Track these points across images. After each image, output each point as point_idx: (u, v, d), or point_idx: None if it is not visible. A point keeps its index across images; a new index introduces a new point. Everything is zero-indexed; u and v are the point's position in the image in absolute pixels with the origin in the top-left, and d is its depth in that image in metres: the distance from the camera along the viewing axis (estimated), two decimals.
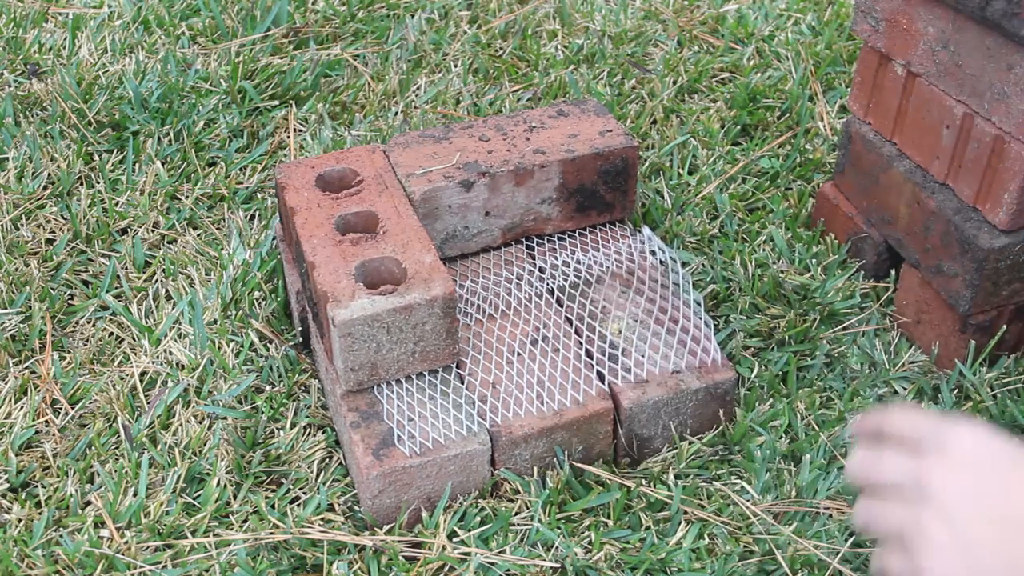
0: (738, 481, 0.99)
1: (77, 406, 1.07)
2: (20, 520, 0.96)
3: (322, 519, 0.95)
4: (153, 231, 1.30)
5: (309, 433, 1.05)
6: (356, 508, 0.98)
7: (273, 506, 0.97)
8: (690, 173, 1.39)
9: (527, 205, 1.12)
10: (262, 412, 1.06)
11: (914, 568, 0.66)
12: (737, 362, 1.10)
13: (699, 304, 1.07)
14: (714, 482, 0.99)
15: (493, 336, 1.04)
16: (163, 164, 1.39)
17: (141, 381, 1.10)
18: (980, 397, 1.06)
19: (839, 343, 1.14)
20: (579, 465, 0.99)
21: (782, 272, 1.21)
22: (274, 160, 1.42)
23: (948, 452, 0.67)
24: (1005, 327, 1.08)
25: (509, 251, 1.15)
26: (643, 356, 1.01)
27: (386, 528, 0.94)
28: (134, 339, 1.16)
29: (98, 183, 1.36)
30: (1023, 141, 0.96)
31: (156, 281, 1.23)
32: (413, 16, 1.71)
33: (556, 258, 1.13)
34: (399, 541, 0.92)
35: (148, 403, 1.08)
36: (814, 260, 1.23)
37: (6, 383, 1.09)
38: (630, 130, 1.43)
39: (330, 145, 1.42)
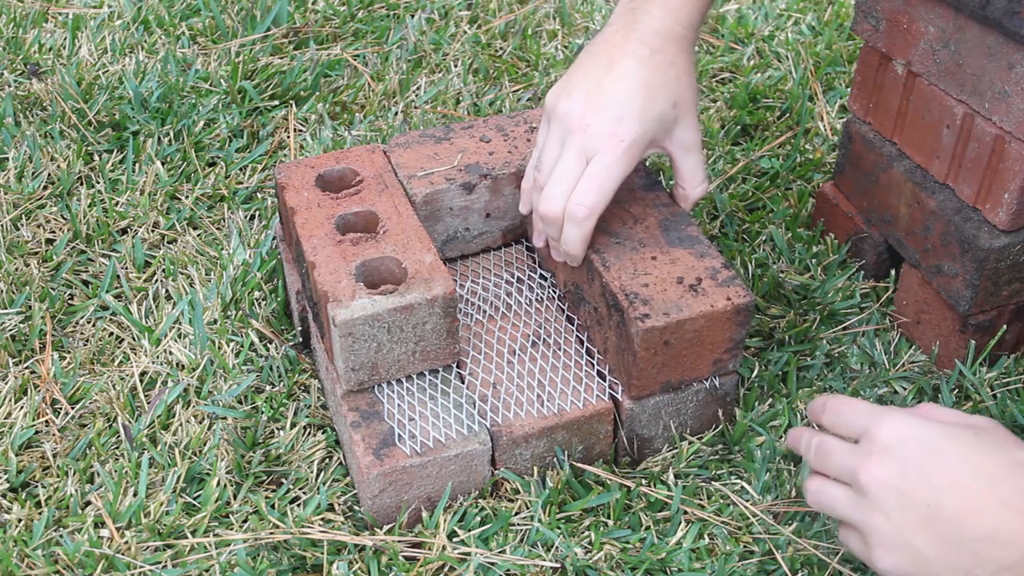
0: (738, 481, 0.99)
1: (77, 406, 1.07)
2: (20, 520, 0.96)
3: (322, 519, 0.95)
4: (153, 231, 1.30)
5: (309, 433, 1.05)
6: (356, 508, 0.98)
7: (273, 506, 0.97)
8: None
9: None
10: (262, 412, 1.06)
11: (868, 556, 0.75)
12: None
13: None
14: (714, 482, 0.99)
15: (494, 336, 1.04)
16: (163, 164, 1.39)
17: (141, 381, 1.10)
18: (980, 397, 1.06)
19: (839, 343, 1.14)
20: (579, 465, 0.99)
21: (782, 272, 1.21)
22: (274, 160, 1.42)
23: (873, 443, 0.75)
24: (1005, 327, 1.08)
25: (509, 252, 1.15)
26: None
27: (386, 528, 0.94)
28: (134, 339, 1.16)
29: (98, 183, 1.36)
30: (1023, 141, 0.96)
31: (156, 281, 1.23)
32: (413, 16, 1.71)
33: None
34: (399, 541, 0.92)
35: (148, 403, 1.08)
36: (814, 260, 1.23)
37: (6, 383, 1.09)
38: None
39: (330, 145, 1.42)
